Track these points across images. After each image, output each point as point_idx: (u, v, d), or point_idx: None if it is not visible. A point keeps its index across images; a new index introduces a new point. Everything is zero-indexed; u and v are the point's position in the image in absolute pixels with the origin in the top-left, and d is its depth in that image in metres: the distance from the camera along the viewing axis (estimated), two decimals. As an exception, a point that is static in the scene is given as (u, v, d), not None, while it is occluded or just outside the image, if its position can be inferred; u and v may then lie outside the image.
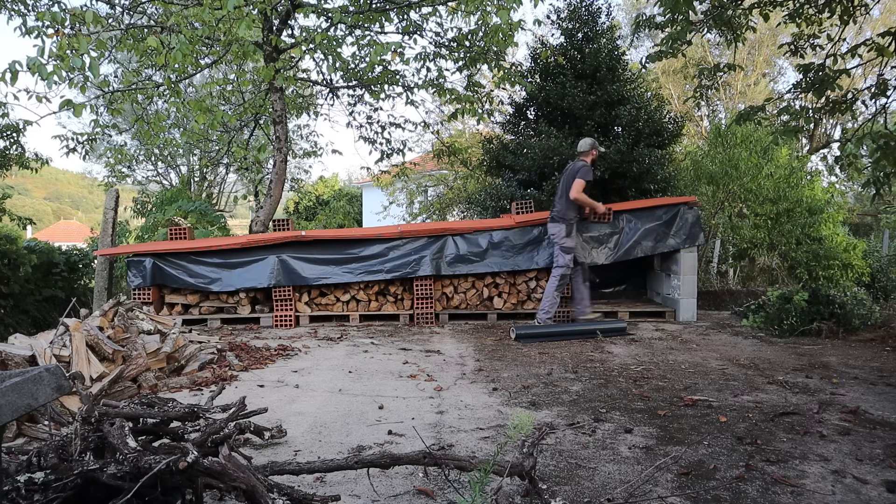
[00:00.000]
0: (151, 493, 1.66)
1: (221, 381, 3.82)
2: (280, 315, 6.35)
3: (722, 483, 2.29)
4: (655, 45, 5.95)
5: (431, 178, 14.25)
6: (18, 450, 2.11)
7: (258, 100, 9.18)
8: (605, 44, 8.41)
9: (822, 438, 2.79)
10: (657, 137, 8.26)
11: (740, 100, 17.78)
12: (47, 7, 6.42)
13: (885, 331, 5.47)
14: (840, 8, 5.19)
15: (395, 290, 6.59)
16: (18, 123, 8.36)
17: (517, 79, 7.66)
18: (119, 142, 12.62)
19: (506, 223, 6.55)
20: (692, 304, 6.56)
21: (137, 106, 8.48)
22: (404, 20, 7.65)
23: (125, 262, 6.78)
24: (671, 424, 3.00)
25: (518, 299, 6.63)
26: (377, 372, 4.21)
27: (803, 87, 5.14)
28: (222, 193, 19.24)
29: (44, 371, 1.51)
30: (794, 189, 8.78)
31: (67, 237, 29.46)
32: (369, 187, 19.84)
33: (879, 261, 10.16)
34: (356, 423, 3.05)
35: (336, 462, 2.01)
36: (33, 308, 8.02)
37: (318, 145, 12.81)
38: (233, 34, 5.71)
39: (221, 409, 2.38)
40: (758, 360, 4.52)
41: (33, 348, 3.33)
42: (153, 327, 4.22)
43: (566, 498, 2.16)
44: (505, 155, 8.53)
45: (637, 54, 18.35)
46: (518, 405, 3.37)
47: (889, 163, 4.57)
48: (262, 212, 8.18)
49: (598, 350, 4.97)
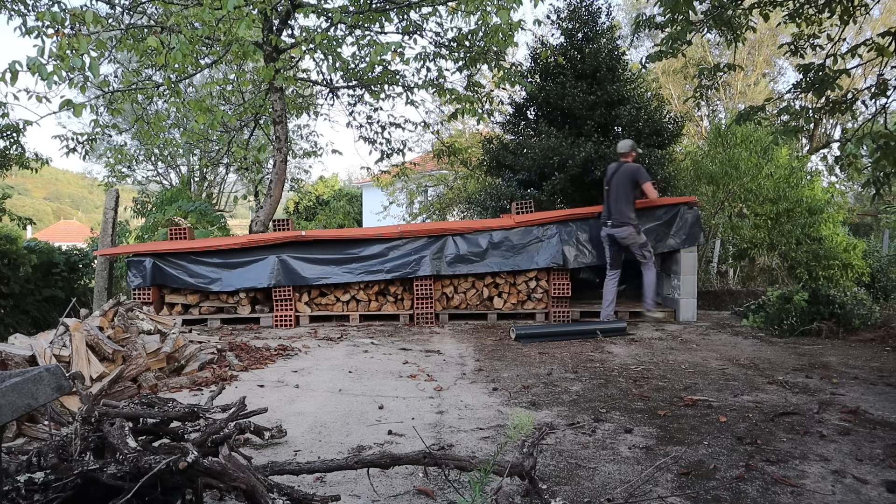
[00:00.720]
0: (151, 493, 1.66)
1: (221, 381, 3.82)
2: (280, 315, 6.35)
3: (722, 483, 2.29)
4: (655, 45, 5.96)
5: (431, 178, 14.25)
6: (18, 450, 2.11)
7: (258, 100, 9.19)
8: (605, 44, 8.41)
9: (822, 438, 2.79)
10: (657, 137, 8.27)
11: (740, 100, 17.78)
12: (47, 7, 6.42)
13: (885, 331, 5.47)
14: (840, 8, 5.19)
15: (395, 290, 6.59)
16: (18, 123, 8.36)
17: (517, 79, 7.66)
18: (119, 142, 12.62)
19: (506, 223, 6.55)
20: (692, 304, 6.56)
21: (137, 106, 8.49)
22: (404, 20, 7.66)
23: (125, 262, 6.78)
24: (671, 424, 3.00)
25: (518, 299, 6.62)
26: (377, 372, 4.21)
27: (803, 87, 5.14)
28: (222, 193, 19.24)
29: (44, 371, 1.51)
30: (794, 189, 8.79)
31: (67, 237, 29.47)
32: (369, 187, 19.84)
33: (879, 261, 10.16)
34: (356, 423, 3.05)
35: (336, 462, 2.01)
36: (33, 308, 8.02)
37: (318, 145, 12.82)
38: (233, 34, 5.71)
39: (221, 409, 2.38)
40: (758, 360, 4.52)
41: (33, 348, 3.33)
42: (153, 327, 4.22)
43: (566, 498, 2.16)
44: (505, 155, 8.53)
45: (637, 54, 18.37)
46: (518, 405, 3.37)
47: (889, 163, 4.57)
48: (262, 212, 8.18)
49: (598, 350, 4.97)
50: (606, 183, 6.06)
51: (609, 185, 6.01)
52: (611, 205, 6.00)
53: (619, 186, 5.91)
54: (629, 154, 6.03)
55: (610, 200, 6.01)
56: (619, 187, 5.91)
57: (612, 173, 6.02)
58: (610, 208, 6.01)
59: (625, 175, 5.90)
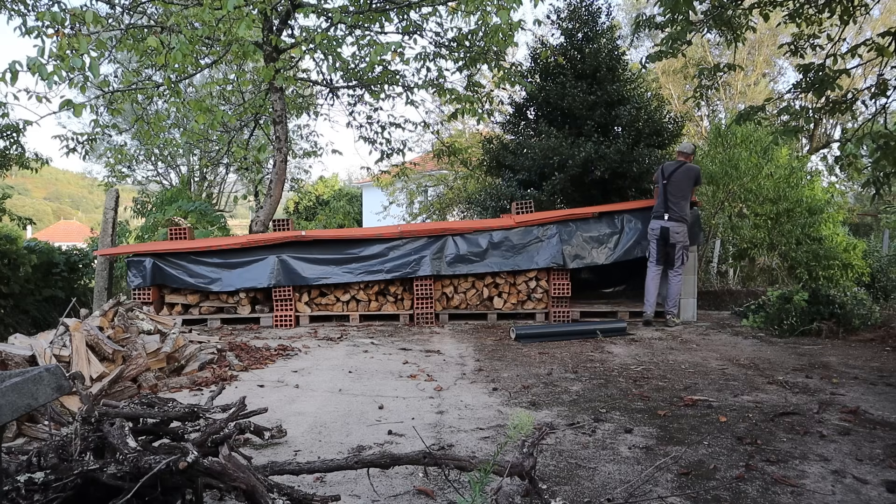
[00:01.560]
0: (151, 493, 1.66)
1: (221, 381, 3.82)
2: (280, 315, 6.35)
3: (722, 483, 2.29)
4: (655, 45, 5.96)
5: (431, 178, 14.26)
6: (18, 450, 2.11)
7: (258, 100, 9.18)
8: (605, 44, 8.41)
9: (822, 438, 2.79)
10: (657, 137, 8.26)
11: (740, 100, 17.78)
12: (47, 7, 6.42)
13: (885, 331, 5.47)
14: (840, 8, 5.19)
15: (395, 290, 6.59)
16: (18, 123, 8.36)
17: (517, 79, 7.66)
18: (119, 142, 12.62)
19: (506, 223, 6.55)
20: (692, 304, 6.56)
21: (137, 106, 8.48)
22: (404, 20, 7.65)
23: (125, 262, 6.78)
24: (671, 424, 3.00)
25: (518, 299, 6.62)
26: (377, 372, 4.21)
27: (803, 87, 5.14)
28: (222, 193, 19.25)
29: (44, 371, 1.51)
30: (794, 189, 8.78)
31: (67, 237, 29.47)
32: (369, 187, 19.85)
33: (879, 261, 10.16)
34: (356, 423, 3.05)
35: (336, 462, 2.01)
36: (33, 308, 8.02)
37: (318, 145, 12.82)
38: (233, 34, 5.71)
39: (221, 409, 2.38)
40: (758, 360, 4.52)
41: (33, 348, 3.33)
42: (153, 327, 4.22)
43: (566, 498, 2.16)
44: (505, 155, 8.53)
45: (637, 54, 18.36)
46: (518, 405, 3.37)
47: (889, 163, 4.57)
48: (262, 212, 8.18)
49: (598, 350, 4.97)
50: (664, 178, 6.12)
51: (668, 181, 6.09)
52: (669, 200, 6.07)
53: (681, 184, 6.03)
54: (690, 155, 6.21)
55: (668, 196, 6.09)
56: (681, 185, 6.03)
57: (672, 171, 6.11)
58: (668, 203, 6.08)
59: (687, 174, 6.06)
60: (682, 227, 6.05)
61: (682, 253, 6.13)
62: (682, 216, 6.04)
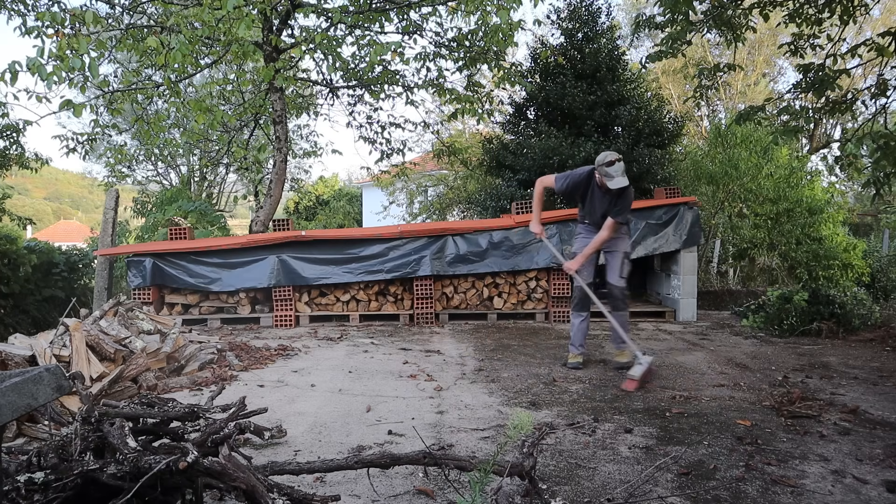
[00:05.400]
0: (151, 493, 1.66)
1: (221, 381, 3.82)
2: (280, 315, 6.35)
3: (722, 483, 2.29)
4: (655, 45, 5.96)
5: (431, 178, 14.25)
6: (18, 450, 2.11)
7: (258, 100, 9.18)
8: (605, 44, 8.41)
9: (822, 438, 2.79)
10: (657, 137, 8.26)
11: (740, 100, 17.77)
12: (47, 7, 6.42)
13: (885, 331, 5.47)
14: (840, 8, 5.18)
15: (395, 290, 6.59)
16: (18, 123, 8.34)
17: (517, 79, 7.66)
18: (119, 142, 12.59)
19: (506, 223, 6.55)
20: (692, 304, 6.56)
21: (137, 106, 8.48)
22: (404, 20, 7.65)
23: (125, 262, 6.78)
24: (671, 424, 3.00)
25: (518, 299, 6.62)
26: (377, 372, 4.21)
27: (803, 87, 5.14)
28: (222, 193, 19.22)
29: (44, 371, 1.51)
30: (794, 189, 8.77)
31: (67, 237, 29.44)
32: (369, 187, 19.83)
33: (879, 261, 10.14)
34: (356, 423, 3.05)
35: (336, 462, 2.01)
36: (33, 308, 8.02)
37: (318, 145, 12.83)
38: (233, 34, 5.71)
39: (221, 409, 2.38)
40: (758, 360, 4.52)
41: (33, 348, 3.33)
42: (153, 327, 4.22)
43: (566, 498, 2.16)
44: (505, 155, 8.52)
45: (637, 54, 18.33)
46: (518, 405, 3.37)
47: (889, 163, 4.56)
48: (262, 212, 8.17)
49: (599, 350, 4.96)
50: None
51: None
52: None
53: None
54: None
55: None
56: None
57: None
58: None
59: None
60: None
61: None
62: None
